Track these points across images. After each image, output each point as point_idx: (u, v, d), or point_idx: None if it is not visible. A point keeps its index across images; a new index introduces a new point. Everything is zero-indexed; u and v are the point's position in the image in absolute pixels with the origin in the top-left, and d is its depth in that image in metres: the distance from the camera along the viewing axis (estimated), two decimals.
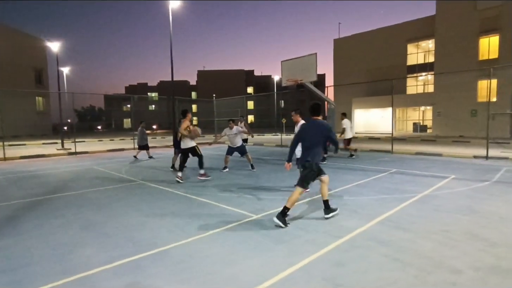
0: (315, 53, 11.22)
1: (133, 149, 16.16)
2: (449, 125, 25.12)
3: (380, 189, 6.12)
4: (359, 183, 6.68)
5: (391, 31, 32.00)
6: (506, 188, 6.00)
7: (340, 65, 36.23)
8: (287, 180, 7.19)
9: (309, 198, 5.47)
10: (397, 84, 30.66)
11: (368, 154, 12.33)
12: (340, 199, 5.35)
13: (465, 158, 10.63)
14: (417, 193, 5.73)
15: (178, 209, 5.00)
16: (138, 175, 8.36)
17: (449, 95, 25.12)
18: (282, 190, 6.16)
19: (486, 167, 8.56)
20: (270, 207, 4.94)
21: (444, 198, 5.33)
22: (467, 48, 24.75)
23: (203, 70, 65.87)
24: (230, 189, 6.33)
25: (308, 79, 11.59)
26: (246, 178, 7.60)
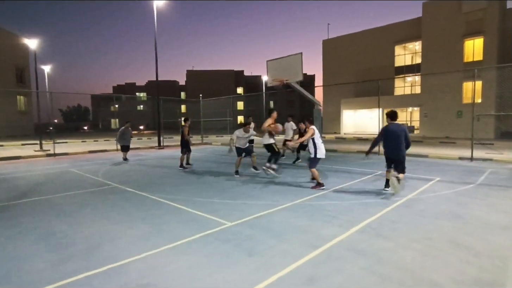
0: (301, 53, 11.03)
1: (116, 151, 15.70)
2: (435, 126, 25.35)
3: (364, 192, 5.92)
4: (343, 186, 6.47)
5: (379, 33, 32.18)
6: (490, 191, 5.89)
7: (329, 66, 36.28)
8: (270, 184, 6.94)
9: (290, 203, 5.23)
10: (385, 85, 30.86)
11: (355, 156, 12.20)
12: (321, 204, 5.12)
13: (451, 159, 10.59)
14: (401, 196, 5.55)
15: (148, 216, 4.68)
16: (115, 178, 7.98)
17: (436, 97, 25.36)
18: (264, 195, 5.90)
19: (470, 169, 8.49)
20: (248, 213, 4.67)
21: (428, 202, 5.16)
22: (452, 50, 25.03)
23: (192, 70, 65.19)
24: (208, 193, 6.03)
25: (294, 79, 11.37)
26: (228, 181, 7.32)
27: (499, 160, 9.86)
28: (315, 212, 4.70)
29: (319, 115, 13.13)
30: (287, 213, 4.66)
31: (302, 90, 12.17)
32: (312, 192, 5.95)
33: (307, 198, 5.54)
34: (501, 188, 6.12)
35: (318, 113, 13.14)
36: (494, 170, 8.23)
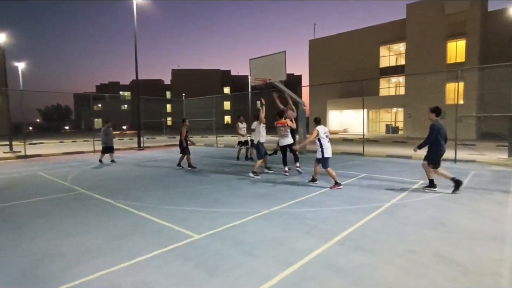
0: (284, 51, 10.70)
1: (93, 152, 15.01)
2: (419, 127, 25.55)
3: (346, 198, 5.62)
4: (324, 191, 6.15)
5: (364, 33, 32.31)
6: (474, 195, 5.68)
7: (315, 66, 36.24)
8: (249, 188, 6.56)
9: (267, 210, 4.86)
10: (370, 86, 31.02)
11: (339, 157, 11.96)
12: (300, 212, 4.77)
13: None
14: (384, 202, 5.27)
15: (108, 226, 4.22)
16: (84, 183, 7.43)
17: (419, 98, 25.57)
18: (241, 201, 5.51)
19: (454, 171, 8.33)
20: (219, 223, 4.28)
21: (411, 208, 4.89)
22: (435, 51, 25.32)
23: (177, 69, 64.21)
24: (181, 200, 5.60)
25: (277, 78, 11.04)
26: (203, 185, 6.90)
27: (482, 162, 9.80)
28: (293, 220, 4.35)
29: (303, 116, 12.86)
30: (262, 222, 4.29)
31: (286, 89, 11.86)
32: (292, 198, 5.60)
33: (286, 204, 5.19)
34: (485, 192, 5.93)
35: (303, 113, 12.86)
36: (478, 172, 8.11)
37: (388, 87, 32.73)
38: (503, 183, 6.77)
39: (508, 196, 5.59)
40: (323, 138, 6.42)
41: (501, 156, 10.54)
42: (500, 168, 8.80)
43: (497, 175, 7.69)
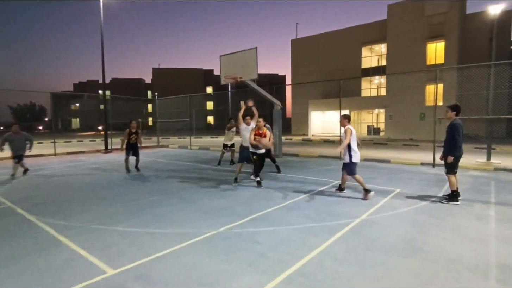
0: (255, 48, 9.96)
1: (54, 155, 13.89)
2: (400, 128, 25.46)
3: (310, 212, 4.91)
4: (288, 203, 5.43)
5: (346, 34, 32.07)
6: (453, 208, 5.10)
7: (297, 66, 35.77)
8: (204, 200, 5.77)
9: (214, 231, 4.09)
10: (352, 86, 30.78)
11: (316, 161, 11.34)
12: (253, 232, 4.03)
13: (413, 165, 9.99)
14: (353, 217, 4.60)
15: (12, 256, 3.34)
16: (17, 194, 6.44)
17: (400, 99, 25.46)
18: (188, 219, 4.71)
19: (432, 177, 7.84)
20: (148, 250, 3.48)
21: (383, 226, 4.23)
22: (416, 52, 25.26)
23: (158, 68, 62.58)
24: (117, 216, 4.75)
25: (248, 77, 10.29)
26: (154, 196, 6.05)
27: (460, 166, 9.32)
28: (241, 245, 3.60)
29: (278, 117, 12.19)
30: (201, 249, 3.52)
31: (259, 89, 11.14)
32: (251, 213, 4.86)
33: (241, 222, 4.43)
34: (464, 203, 5.37)
35: (278, 114, 12.19)
36: None
37: (370, 88, 32.63)
38: (483, 191, 6.26)
39: (488, 208, 5.04)
40: (354, 140, 5.77)
41: (480, 160, 10.17)
42: (479, 174, 8.36)
43: (476, 182, 7.21)
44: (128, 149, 8.92)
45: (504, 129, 23.04)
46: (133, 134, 8.96)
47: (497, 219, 4.51)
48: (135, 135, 9.00)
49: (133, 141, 8.94)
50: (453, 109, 5.42)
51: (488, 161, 10.06)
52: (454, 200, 5.32)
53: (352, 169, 5.75)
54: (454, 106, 5.44)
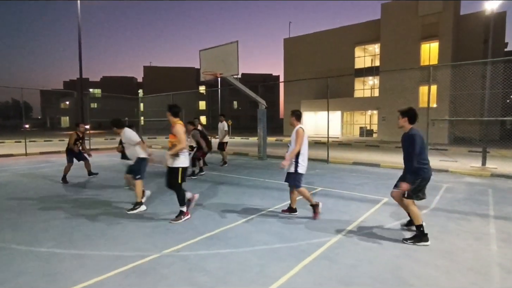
0: (236, 41, 9.21)
1: (25, 155, 13.03)
2: (393, 130, 24.89)
3: (281, 227, 4.18)
4: (257, 216, 4.69)
5: (340, 33, 31.50)
6: (447, 223, 4.41)
7: (290, 65, 35.11)
8: (161, 211, 5.00)
9: (156, 254, 3.33)
10: (345, 87, 30.23)
11: None
12: (204, 256, 3.28)
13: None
14: (330, 235, 3.88)
15: None
16: None
17: (393, 100, 24.92)
18: (128, 237, 3.94)
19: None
20: (61, 286, 2.70)
21: (364, 248, 3.51)
22: (409, 53, 24.74)
23: (149, 66, 61.50)
24: (45, 234, 3.96)
25: (229, 73, 9.54)
26: (88, 210, 5.27)
27: (455, 172, 8.72)
28: (182, 276, 2.85)
29: (263, 116, 11.46)
30: (129, 281, 2.75)
31: (242, 86, 10.40)
32: (211, 229, 4.11)
33: (194, 240, 3.68)
34: (460, 217, 4.69)
35: (262, 114, 11.46)
36: (450, 186, 6.94)
37: (363, 88, 32.10)
38: (480, 202, 5.59)
39: (487, 224, 4.36)
40: (305, 144, 4.56)
41: (475, 165, 9.55)
42: (475, 180, 7.71)
43: (472, 190, 6.55)
44: (71, 154, 7.49)
45: (498, 131, 22.65)
46: (80, 139, 7.56)
47: (499, 238, 3.82)
48: (81, 140, 7.62)
49: (78, 148, 7.53)
50: (404, 115, 3.82)
51: (483, 166, 9.45)
52: (423, 240, 3.60)
53: (298, 181, 4.53)
54: (407, 111, 3.83)
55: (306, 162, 4.57)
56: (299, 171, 4.48)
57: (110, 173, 8.60)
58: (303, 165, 4.51)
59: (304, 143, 4.50)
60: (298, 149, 4.40)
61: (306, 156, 4.56)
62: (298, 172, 4.48)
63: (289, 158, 4.42)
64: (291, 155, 4.41)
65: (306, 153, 4.56)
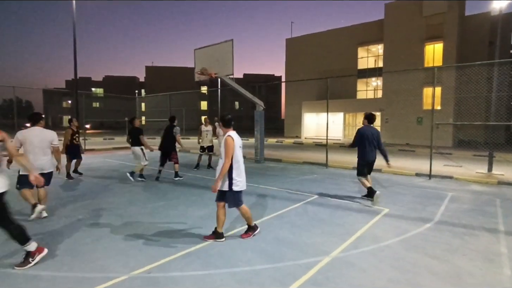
0: (231, 40, 8.84)
1: None
2: (396, 132, 24.42)
3: (268, 243, 3.80)
4: (243, 229, 4.31)
5: (342, 33, 31.08)
6: (452, 239, 4.00)
7: (292, 66, 34.74)
8: (141, 222, 4.63)
9: (124, 276, 2.96)
10: (347, 88, 29.74)
11: (299, 168, 10.23)
12: (176, 279, 2.90)
13: (407, 175, 8.92)
14: (321, 254, 3.49)
15: None
16: None
17: (396, 102, 24.45)
18: (107, 252, 3.57)
19: (428, 193, 6.75)
20: None
21: (359, 270, 3.12)
22: (413, 54, 24.25)
23: (152, 66, 61.43)
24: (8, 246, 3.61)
25: (223, 73, 9.17)
26: (84, 213, 4.92)
27: (460, 178, 8.28)
28: None
29: (260, 118, 11.09)
30: None
31: (238, 87, 10.04)
32: (186, 245, 3.73)
33: (167, 259, 3.31)
34: (466, 232, 4.28)
35: (260, 115, 11.09)
36: (455, 195, 6.52)
37: (366, 90, 31.62)
38: (488, 214, 5.17)
39: (497, 242, 3.95)
40: (238, 155, 3.78)
41: (480, 171, 9.11)
42: (481, 188, 7.28)
43: (478, 200, 6.12)
44: (71, 152, 7.85)
45: (503, 135, 22.11)
46: (76, 133, 8.01)
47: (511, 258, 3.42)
48: (78, 134, 8.09)
49: (77, 142, 8.04)
50: (366, 118, 6.16)
51: (489, 172, 9.01)
52: (369, 196, 5.75)
53: (237, 200, 3.79)
54: (367, 115, 6.18)
55: (243, 176, 3.82)
56: (235, 189, 3.71)
57: (94, 179, 8.25)
58: (239, 180, 3.73)
59: (236, 154, 3.72)
60: (228, 164, 3.62)
61: (242, 169, 3.79)
62: (234, 190, 3.70)
63: (221, 178, 3.64)
64: (222, 173, 3.61)
65: (242, 166, 3.79)
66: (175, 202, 5.65)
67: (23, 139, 4.46)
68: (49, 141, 4.70)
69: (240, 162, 3.76)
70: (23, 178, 4.29)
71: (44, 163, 4.60)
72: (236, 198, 3.77)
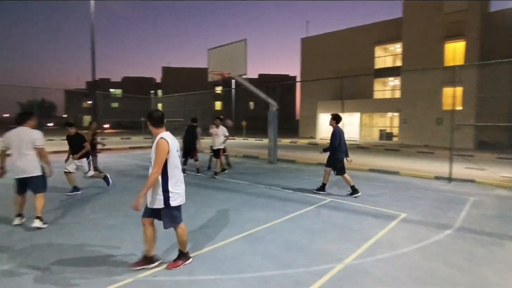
0: (245, 39, 8.76)
1: None
2: (415, 134, 23.71)
3: (278, 247, 3.67)
4: (255, 231, 4.20)
5: (359, 32, 30.50)
6: (475, 248, 3.75)
7: (307, 66, 34.36)
8: None
9: (130, 278, 2.91)
10: (364, 88, 29.15)
11: (314, 170, 10.04)
12: (183, 284, 2.82)
13: (425, 178, 8.57)
14: (334, 260, 3.34)
15: None
16: None
17: (415, 102, 23.76)
18: (118, 251, 3.54)
19: (448, 197, 6.44)
20: None
21: (373, 279, 2.95)
22: (432, 53, 23.49)
23: (168, 67, 62.31)
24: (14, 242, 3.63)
25: (237, 72, 9.11)
26: (96, 213, 4.94)
27: (482, 182, 7.89)
28: None
29: (273, 118, 10.97)
30: None
31: (251, 87, 9.96)
32: (196, 247, 3.66)
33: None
34: (491, 241, 4.01)
35: (273, 115, 10.97)
36: (478, 200, 6.19)
37: (384, 89, 30.90)
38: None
39: None
40: (174, 162, 3.00)
41: (505, 175, 8.65)
42: (506, 193, 6.89)
43: (504, 206, 5.78)
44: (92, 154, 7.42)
45: None
46: (95, 135, 8.14)
47: None
48: (96, 136, 8.23)
49: (96, 142, 8.20)
50: (334, 118, 6.42)
51: None
52: (354, 193, 6.24)
53: (175, 217, 3.05)
54: (336, 116, 6.48)
55: (182, 187, 3.09)
56: (172, 205, 2.96)
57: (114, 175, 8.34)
58: (177, 193, 2.99)
59: (173, 159, 2.96)
60: (158, 173, 2.87)
61: (180, 178, 3.07)
62: (171, 206, 2.96)
63: (146, 191, 2.88)
64: (148, 184, 2.85)
65: (179, 174, 3.05)
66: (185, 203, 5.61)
67: (6, 140, 4.17)
68: (30, 142, 4.16)
69: (177, 169, 3.02)
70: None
71: (24, 165, 4.13)
72: (174, 216, 3.01)
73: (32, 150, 4.20)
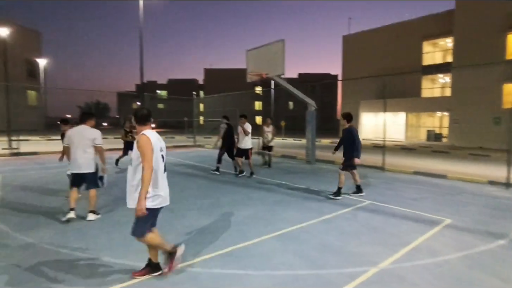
0: (283, 40, 8.79)
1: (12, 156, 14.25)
2: (467, 134, 21.85)
3: (311, 248, 3.67)
4: (289, 231, 4.23)
5: (405, 28, 28.90)
6: None
7: (349, 64, 33.35)
8: (191, 218, 4.83)
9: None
10: (411, 86, 27.54)
11: None
12: (216, 276, 2.96)
13: (477, 183, 7.91)
14: (369, 264, 3.26)
15: None
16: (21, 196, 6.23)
17: (468, 100, 21.89)
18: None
19: (503, 204, 5.90)
20: None
21: (408, 286, 2.84)
22: (491, 46, 21.42)
23: (210, 68, 64.22)
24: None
25: (275, 73, 9.17)
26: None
27: None
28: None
29: (312, 118, 10.87)
30: None
31: (289, 86, 9.98)
32: (231, 243, 3.79)
33: (211, 255, 3.39)
34: None
35: (311, 115, 10.87)
36: None
37: (433, 87, 28.92)
38: None
39: None
40: (157, 160, 2.81)
41: None
42: None
43: None
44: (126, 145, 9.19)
45: None
46: (129, 133, 9.21)
47: None
48: (131, 133, 9.17)
49: (131, 139, 9.06)
50: (345, 117, 6.16)
51: None
52: (337, 195, 6.04)
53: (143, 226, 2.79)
54: (347, 115, 6.20)
55: (165, 188, 2.89)
56: (150, 206, 2.74)
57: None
58: (155, 194, 2.78)
59: (155, 159, 2.77)
60: (150, 168, 2.68)
61: (163, 179, 2.88)
62: (148, 207, 2.71)
63: (144, 190, 2.66)
64: (145, 185, 2.65)
65: (161, 175, 2.85)
66: (222, 200, 5.80)
67: (67, 137, 4.56)
68: (90, 139, 4.46)
69: (159, 170, 2.81)
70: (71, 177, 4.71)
71: (81, 161, 4.43)
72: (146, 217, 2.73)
73: (91, 148, 4.51)
